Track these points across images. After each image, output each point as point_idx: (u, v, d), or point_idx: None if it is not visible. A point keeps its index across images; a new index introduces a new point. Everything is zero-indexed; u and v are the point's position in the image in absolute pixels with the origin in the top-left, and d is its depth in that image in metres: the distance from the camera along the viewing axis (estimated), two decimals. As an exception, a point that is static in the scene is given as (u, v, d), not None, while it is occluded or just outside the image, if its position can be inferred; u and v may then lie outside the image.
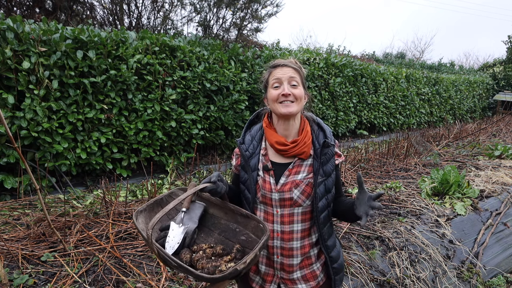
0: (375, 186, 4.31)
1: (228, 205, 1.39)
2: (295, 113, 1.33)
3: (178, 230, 1.30)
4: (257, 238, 1.28)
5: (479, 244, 3.37)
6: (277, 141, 1.35)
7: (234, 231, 1.36)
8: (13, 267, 2.22)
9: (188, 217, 1.36)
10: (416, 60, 22.94)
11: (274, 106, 1.35)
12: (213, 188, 1.30)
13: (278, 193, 1.34)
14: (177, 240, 1.27)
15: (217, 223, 1.41)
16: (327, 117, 8.44)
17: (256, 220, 1.31)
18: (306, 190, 1.33)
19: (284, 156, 1.37)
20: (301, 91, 1.34)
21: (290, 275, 1.40)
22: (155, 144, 5.18)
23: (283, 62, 1.37)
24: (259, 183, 1.38)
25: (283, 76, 1.33)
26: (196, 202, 1.42)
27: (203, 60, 5.71)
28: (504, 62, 18.08)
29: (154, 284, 2.17)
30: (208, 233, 1.39)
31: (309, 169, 1.36)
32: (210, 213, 1.44)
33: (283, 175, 1.36)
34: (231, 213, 1.39)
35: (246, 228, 1.34)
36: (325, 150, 1.35)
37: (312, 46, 21.15)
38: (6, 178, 3.85)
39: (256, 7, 8.10)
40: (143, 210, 1.34)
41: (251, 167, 1.39)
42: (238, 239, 1.33)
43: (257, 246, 1.14)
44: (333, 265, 1.42)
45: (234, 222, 1.38)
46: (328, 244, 1.41)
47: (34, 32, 4.03)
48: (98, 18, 8.02)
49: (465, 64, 27.33)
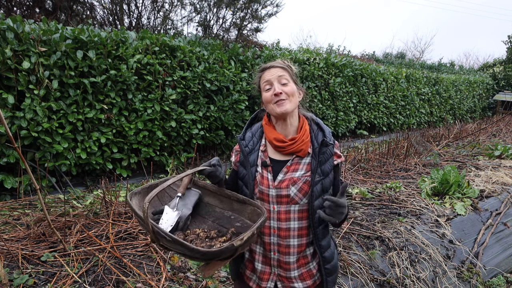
0: (375, 186, 4.31)
1: (225, 191, 1.39)
2: (290, 110, 1.35)
3: (172, 214, 1.30)
4: (253, 222, 1.27)
5: (479, 244, 3.37)
6: (276, 137, 1.37)
7: (229, 218, 1.36)
8: (13, 267, 2.22)
9: (183, 203, 1.36)
10: (416, 60, 22.94)
11: (269, 108, 1.38)
12: (213, 171, 1.32)
13: (275, 189, 1.36)
14: (170, 223, 1.27)
15: (212, 211, 1.41)
16: (327, 117, 8.44)
17: (253, 204, 1.31)
18: (303, 188, 1.35)
19: (282, 153, 1.39)
20: (292, 88, 1.36)
21: (288, 272, 1.40)
22: (155, 144, 5.18)
23: (270, 64, 1.41)
24: (257, 178, 1.39)
25: (271, 77, 1.37)
26: (192, 189, 1.42)
27: (203, 60, 5.71)
28: (504, 62, 18.08)
29: (154, 284, 2.17)
30: (201, 221, 1.39)
31: (307, 167, 1.37)
32: (205, 202, 1.44)
33: (281, 171, 1.37)
34: (227, 200, 1.39)
35: (241, 214, 1.34)
36: (323, 149, 1.36)
37: (312, 46, 21.17)
38: (6, 178, 3.85)
39: (256, 7, 8.10)
40: (138, 192, 1.35)
41: (250, 162, 1.41)
42: (232, 225, 1.32)
43: (254, 225, 1.13)
44: (325, 266, 1.42)
45: (229, 209, 1.38)
46: (322, 244, 1.41)
47: (34, 32, 4.03)
48: (98, 18, 8.02)
49: (465, 64, 27.35)
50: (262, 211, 1.24)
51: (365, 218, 3.32)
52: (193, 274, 2.36)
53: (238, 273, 1.52)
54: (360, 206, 3.69)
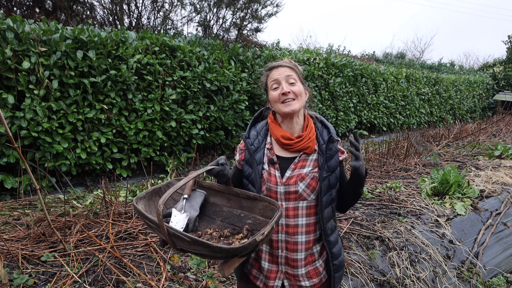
0: (375, 186, 4.31)
1: (233, 189, 1.39)
2: (297, 110, 1.37)
3: (180, 216, 1.29)
4: (266, 218, 1.27)
5: (479, 244, 3.37)
6: (283, 135, 1.39)
7: (239, 217, 1.35)
8: (13, 267, 2.22)
9: (189, 205, 1.36)
10: (416, 60, 22.94)
11: (277, 107, 1.39)
12: (221, 170, 1.33)
13: (283, 186, 1.37)
14: (181, 225, 1.26)
15: (219, 211, 1.40)
16: (327, 117, 8.44)
17: (266, 200, 1.30)
18: (311, 184, 1.36)
19: (289, 151, 1.41)
20: (300, 88, 1.38)
21: (295, 270, 1.41)
22: (155, 144, 5.18)
23: (278, 63, 1.42)
24: (264, 176, 1.40)
25: (279, 76, 1.38)
26: (197, 190, 1.41)
27: (203, 60, 5.71)
28: (504, 62, 18.08)
29: (154, 284, 2.17)
30: (209, 221, 1.38)
31: (314, 164, 1.39)
32: (211, 202, 1.43)
33: (288, 168, 1.38)
34: (235, 198, 1.39)
35: (252, 211, 1.33)
36: (330, 146, 1.39)
37: (312, 46, 21.16)
38: (6, 178, 3.85)
39: (256, 7, 8.10)
40: (143, 197, 1.35)
41: (256, 160, 1.42)
42: (244, 223, 1.32)
43: (273, 219, 1.13)
44: (333, 262, 1.44)
45: (238, 207, 1.37)
46: (330, 239, 1.43)
47: (34, 32, 4.03)
48: (98, 18, 8.02)
49: (465, 64, 27.32)
50: (276, 205, 1.24)
51: (365, 218, 3.32)
52: (193, 274, 2.36)
53: (243, 273, 1.52)
54: (360, 206, 3.69)
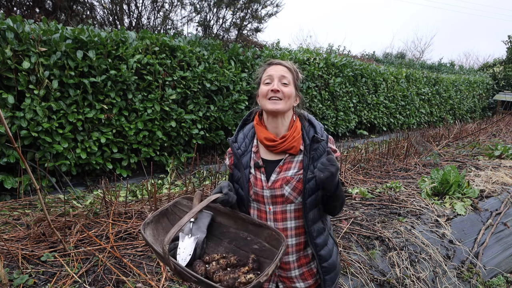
0: (375, 186, 4.31)
1: (239, 214, 1.37)
2: (281, 111, 1.34)
3: (188, 241, 1.28)
4: (272, 247, 1.26)
5: (479, 244, 3.37)
6: (266, 137, 1.36)
7: (246, 240, 1.34)
8: (13, 267, 2.22)
9: (196, 227, 1.34)
10: (416, 60, 22.94)
11: (263, 102, 1.36)
12: (225, 199, 1.30)
13: (269, 190, 1.35)
14: (189, 252, 1.25)
15: (226, 232, 1.39)
16: (327, 117, 8.44)
17: (271, 228, 1.28)
18: (297, 187, 1.34)
19: (274, 153, 1.38)
20: (290, 90, 1.35)
21: (288, 272, 1.40)
22: (155, 144, 5.18)
23: (279, 61, 1.41)
24: (251, 180, 1.38)
25: (275, 73, 1.36)
26: (203, 211, 1.40)
27: (203, 60, 5.71)
28: (504, 62, 18.08)
29: (154, 284, 2.17)
30: (217, 242, 1.37)
31: (300, 165, 1.36)
32: (217, 222, 1.42)
33: (274, 171, 1.36)
34: (241, 221, 1.37)
35: (258, 237, 1.32)
36: (315, 145, 1.35)
37: (312, 46, 21.16)
38: (6, 178, 3.85)
39: (256, 7, 8.09)
40: (150, 222, 1.32)
41: (243, 165, 1.40)
42: (250, 248, 1.30)
43: (276, 257, 1.12)
44: (322, 264, 1.40)
45: (244, 230, 1.36)
46: (317, 242, 1.39)
47: (34, 32, 4.03)
48: (98, 18, 8.02)
49: (465, 64, 27.32)
50: (280, 236, 1.22)
51: (365, 218, 3.32)
52: (193, 274, 2.36)
53: None
54: (360, 206, 3.68)
